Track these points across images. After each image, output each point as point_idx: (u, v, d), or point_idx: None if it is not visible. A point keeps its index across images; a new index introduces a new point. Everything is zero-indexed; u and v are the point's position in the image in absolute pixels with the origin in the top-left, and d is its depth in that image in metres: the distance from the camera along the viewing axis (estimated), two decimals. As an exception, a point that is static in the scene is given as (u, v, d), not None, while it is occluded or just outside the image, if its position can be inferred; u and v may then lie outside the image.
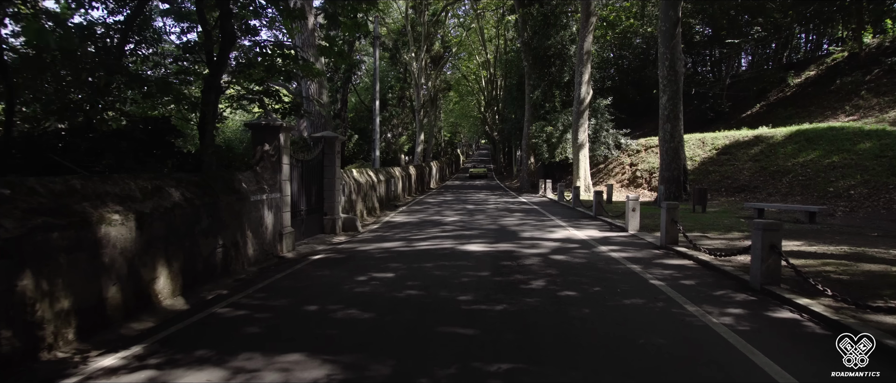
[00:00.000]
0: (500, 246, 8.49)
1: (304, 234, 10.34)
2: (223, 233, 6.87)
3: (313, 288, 5.86)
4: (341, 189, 12.42)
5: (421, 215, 14.52)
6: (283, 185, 8.87)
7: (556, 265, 6.75)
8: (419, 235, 10.23)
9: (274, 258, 8.37)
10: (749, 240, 8.10)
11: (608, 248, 8.08)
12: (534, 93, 25.37)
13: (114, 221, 4.82)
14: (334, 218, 11.59)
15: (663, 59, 16.29)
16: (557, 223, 12.00)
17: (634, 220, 9.90)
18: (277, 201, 8.68)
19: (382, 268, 6.86)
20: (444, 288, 5.52)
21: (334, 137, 11.60)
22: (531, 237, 9.56)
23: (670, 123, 16.15)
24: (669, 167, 16.17)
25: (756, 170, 17.18)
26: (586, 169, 21.59)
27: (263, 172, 8.53)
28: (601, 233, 9.95)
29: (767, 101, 26.67)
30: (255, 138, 8.89)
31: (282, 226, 8.79)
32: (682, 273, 6.17)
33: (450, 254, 7.83)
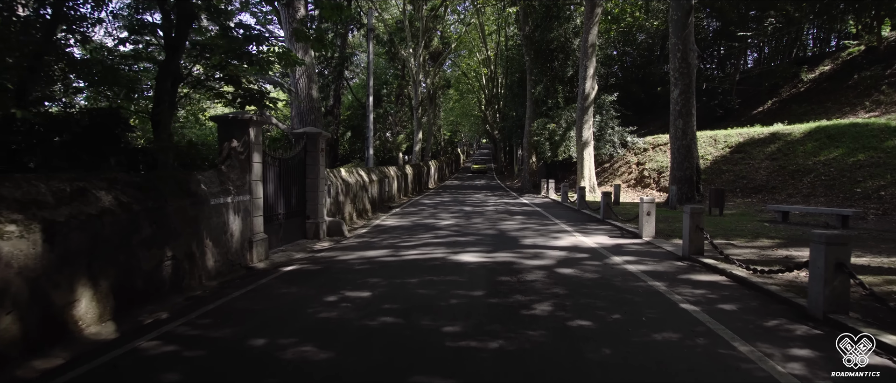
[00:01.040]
0: (498, 256, 7.44)
1: (283, 240, 9.33)
2: (173, 242, 5.85)
3: (271, 311, 4.83)
4: (326, 190, 11.39)
5: (414, 218, 13.48)
6: (254, 187, 7.85)
7: (564, 281, 5.70)
8: (409, 242, 9.19)
9: (241, 269, 7.36)
10: (782, 249, 7.09)
11: (623, 259, 7.02)
12: (535, 88, 24.28)
13: (8, 234, 3.79)
14: (318, 222, 10.56)
15: (675, 50, 15.21)
16: (562, 227, 10.94)
17: (649, 225, 8.84)
18: (246, 204, 7.66)
19: (359, 283, 5.82)
20: (427, 315, 4.48)
21: (317, 133, 10.58)
22: (533, 245, 8.50)
23: (682, 119, 15.08)
24: (681, 166, 15.09)
25: (774, 170, 16.10)
26: (591, 168, 20.52)
27: (230, 172, 7.50)
28: (612, 240, 8.89)
29: (780, 98, 25.57)
30: (221, 133, 7.88)
31: (252, 232, 7.77)
32: (718, 293, 5.11)
33: (440, 266, 6.78)
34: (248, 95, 7.58)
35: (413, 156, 32.06)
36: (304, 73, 17.23)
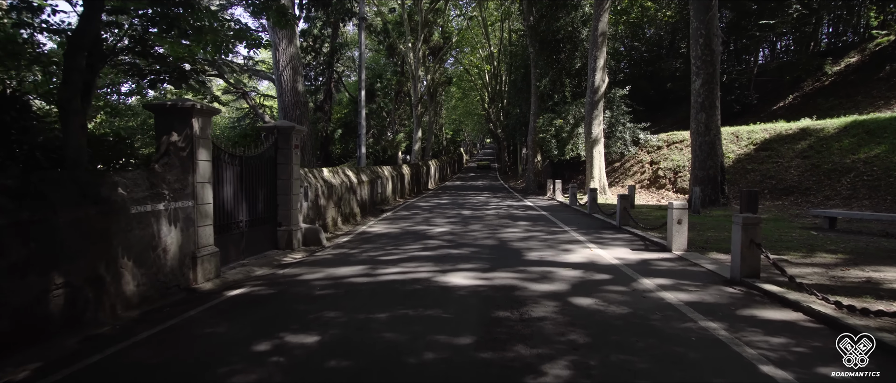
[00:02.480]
0: (496, 276, 5.97)
1: (246, 252, 7.91)
2: (67, 265, 4.45)
3: (171, 368, 3.40)
4: (303, 193, 9.97)
5: (405, 223, 12.02)
6: (200, 190, 6.43)
7: (584, 320, 4.22)
8: (392, 254, 7.74)
9: (179, 292, 5.95)
10: (854, 267, 5.22)
11: (655, 283, 5.52)
12: (541, 82, 22.70)
13: None
14: (291, 230, 9.14)
15: (696, 35, 13.66)
16: (573, 236, 9.44)
17: (680, 236, 7.32)
18: (189, 212, 6.24)
19: (310, 321, 4.38)
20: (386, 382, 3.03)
21: (290, 128, 9.16)
22: (540, 260, 7.02)
23: (705, 112, 13.53)
24: (704, 165, 13.54)
25: (806, 169, 14.51)
26: (601, 167, 18.96)
27: (166, 172, 6.08)
28: (635, 254, 7.38)
29: (802, 92, 23.91)
30: (159, 125, 6.46)
31: (196, 246, 6.35)
32: (806, 343, 3.60)
33: (422, 291, 5.32)
34: (167, 72, 6.06)
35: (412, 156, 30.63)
36: (289, 63, 15.83)
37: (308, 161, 15.29)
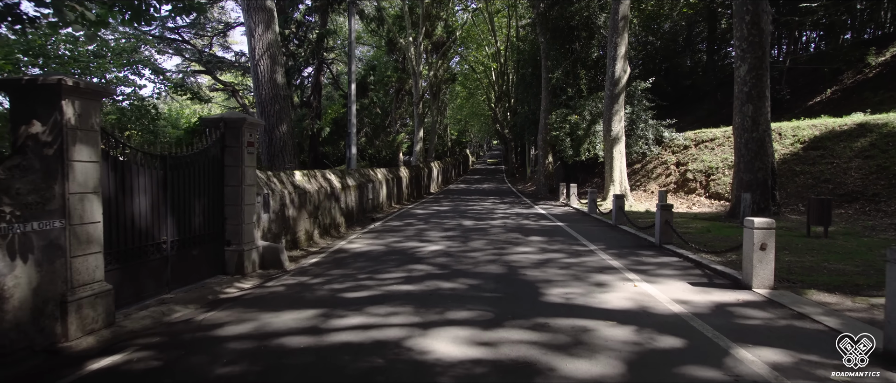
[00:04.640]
0: (503, 340, 3.88)
1: (174, 283, 5.93)
2: None
3: None
4: (260, 202, 7.97)
5: (393, 238, 9.96)
6: (77, 204, 4.44)
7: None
8: (361, 290, 5.67)
9: (31, 357, 3.97)
10: None
11: (762, 361, 3.39)
12: (553, 74, 20.52)
13: None
14: (242, 250, 7.15)
15: (741, 13, 11.50)
16: (604, 260, 7.30)
17: (764, 267, 5.16)
18: (53, 236, 4.26)
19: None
20: None
21: (240, 120, 7.19)
22: (567, 303, 4.92)
23: (752, 104, 11.35)
24: (751, 166, 11.34)
25: (870, 171, 12.26)
26: (622, 169, 16.79)
27: (14, 178, 4.09)
28: (702, 295, 5.24)
29: (842, 85, 21.58)
30: (15, 110, 4.50)
31: (69, 284, 4.35)
32: None
33: (381, 370, 3.27)
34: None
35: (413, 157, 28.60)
36: (266, 51, 13.84)
37: (289, 164, 13.30)
